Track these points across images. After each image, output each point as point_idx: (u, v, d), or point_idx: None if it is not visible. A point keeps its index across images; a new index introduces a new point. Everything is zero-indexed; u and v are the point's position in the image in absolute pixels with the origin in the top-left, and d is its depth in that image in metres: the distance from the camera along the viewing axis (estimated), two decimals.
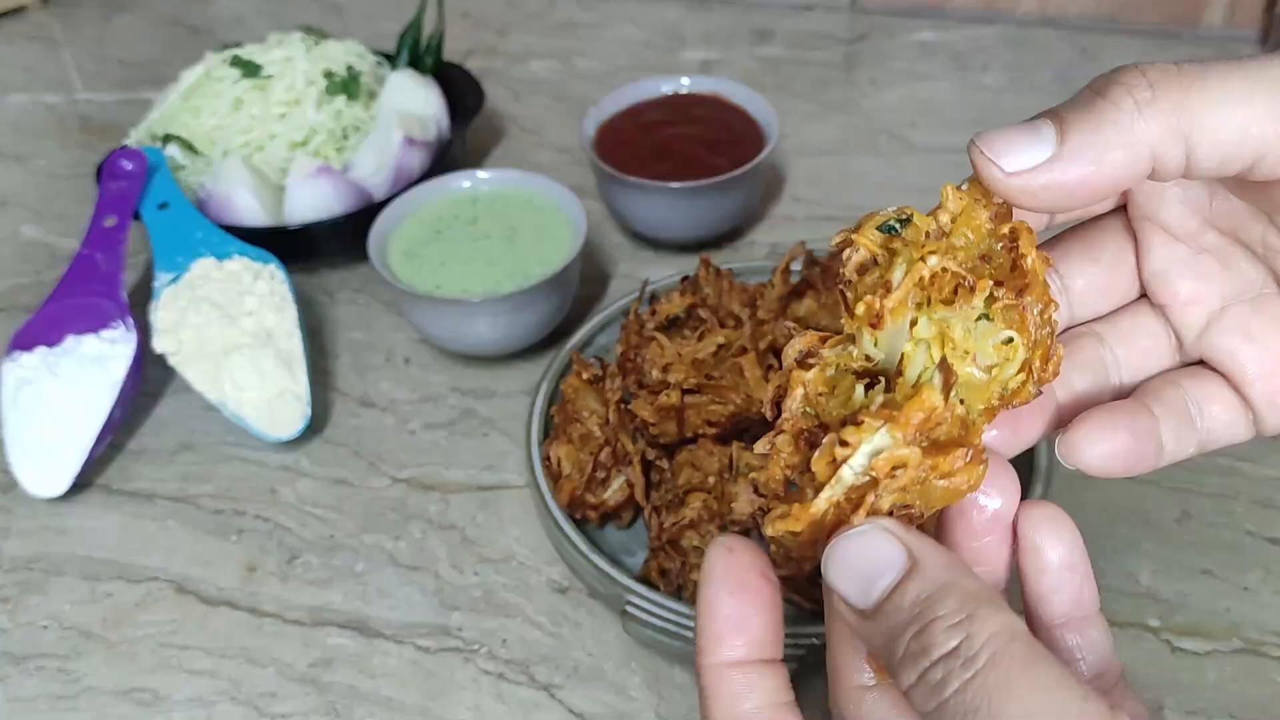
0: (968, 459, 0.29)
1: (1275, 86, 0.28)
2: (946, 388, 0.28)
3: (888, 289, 0.30)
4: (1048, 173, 0.29)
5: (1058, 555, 0.31)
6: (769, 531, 0.31)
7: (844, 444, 0.28)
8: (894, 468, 0.28)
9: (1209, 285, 0.35)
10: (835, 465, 0.29)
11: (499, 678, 0.58)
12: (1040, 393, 0.31)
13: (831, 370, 0.32)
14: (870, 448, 0.28)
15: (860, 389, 0.31)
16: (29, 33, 1.25)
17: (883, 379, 0.30)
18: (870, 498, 0.29)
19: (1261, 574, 0.60)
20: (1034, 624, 0.32)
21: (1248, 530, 0.63)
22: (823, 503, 0.29)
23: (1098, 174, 0.29)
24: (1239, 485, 0.65)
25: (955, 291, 0.30)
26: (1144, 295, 0.36)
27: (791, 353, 0.32)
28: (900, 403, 0.29)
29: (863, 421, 0.28)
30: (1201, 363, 0.35)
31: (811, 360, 0.32)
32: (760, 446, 0.32)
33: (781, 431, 0.31)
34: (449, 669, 0.59)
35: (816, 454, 0.29)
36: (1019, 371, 0.30)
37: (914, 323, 0.30)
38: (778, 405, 0.32)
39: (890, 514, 0.29)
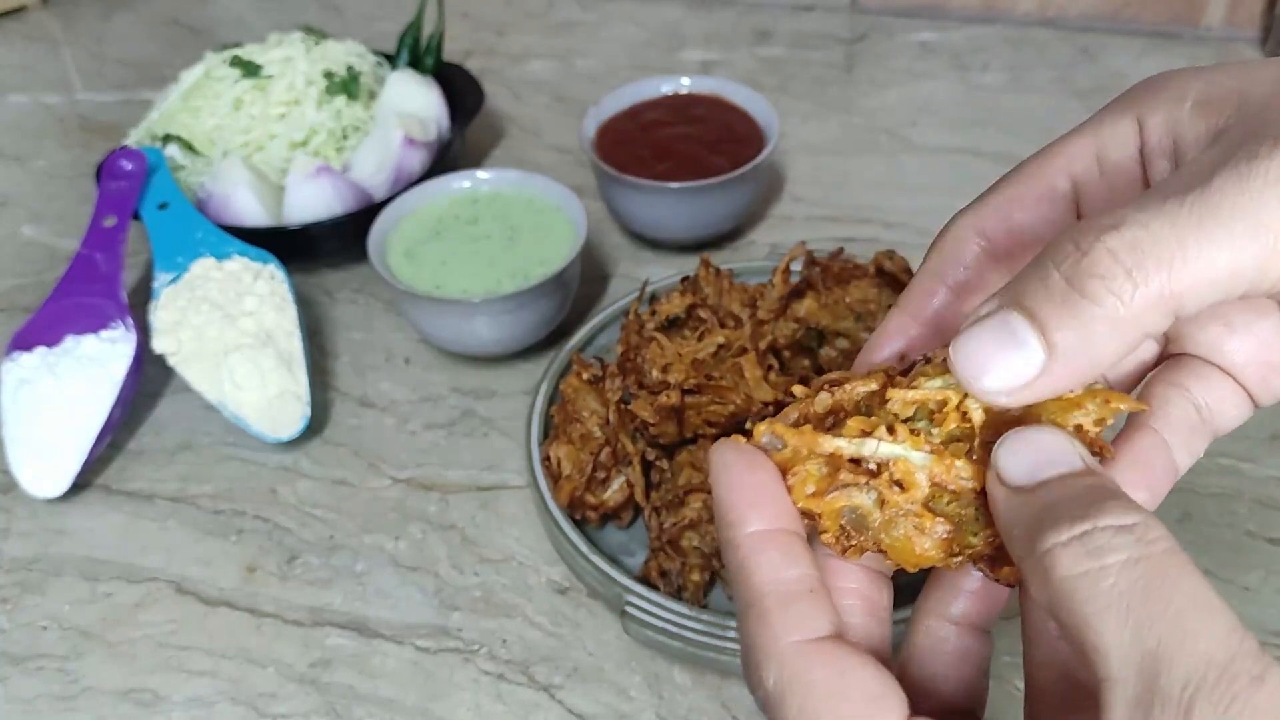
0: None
1: (1245, 222, 0.26)
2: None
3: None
4: (1041, 384, 0.27)
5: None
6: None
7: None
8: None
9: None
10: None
11: (499, 678, 0.58)
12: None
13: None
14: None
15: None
16: (29, 33, 1.25)
17: None
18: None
19: (1262, 574, 0.60)
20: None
21: (1248, 530, 0.63)
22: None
23: (1092, 369, 0.27)
24: (1239, 485, 0.65)
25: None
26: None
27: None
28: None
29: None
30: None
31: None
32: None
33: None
34: (449, 669, 0.59)
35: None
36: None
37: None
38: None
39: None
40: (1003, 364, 0.27)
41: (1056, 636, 0.30)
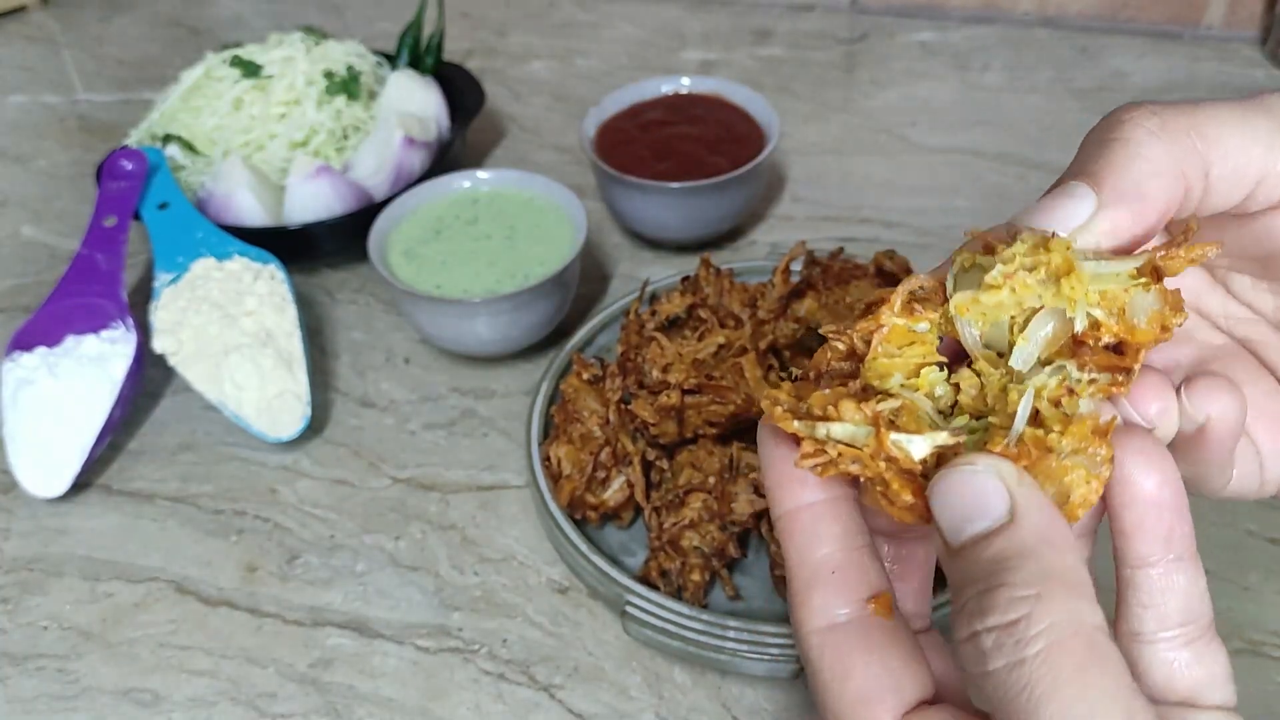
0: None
1: (1266, 114, 0.30)
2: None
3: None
4: (1096, 225, 0.29)
5: (1149, 489, 0.29)
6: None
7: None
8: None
9: (1177, 350, 0.35)
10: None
11: (499, 678, 0.58)
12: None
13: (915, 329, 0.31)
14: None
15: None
16: (29, 33, 1.25)
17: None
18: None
19: (1262, 574, 0.60)
20: (1120, 561, 0.30)
21: (1248, 530, 0.63)
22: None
23: (1146, 208, 0.29)
24: None
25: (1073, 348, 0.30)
26: None
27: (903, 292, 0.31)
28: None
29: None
30: None
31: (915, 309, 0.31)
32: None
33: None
34: (449, 669, 0.59)
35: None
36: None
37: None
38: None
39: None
40: (1061, 213, 0.30)
41: None
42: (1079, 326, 0.29)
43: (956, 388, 0.31)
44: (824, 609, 0.29)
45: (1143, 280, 0.29)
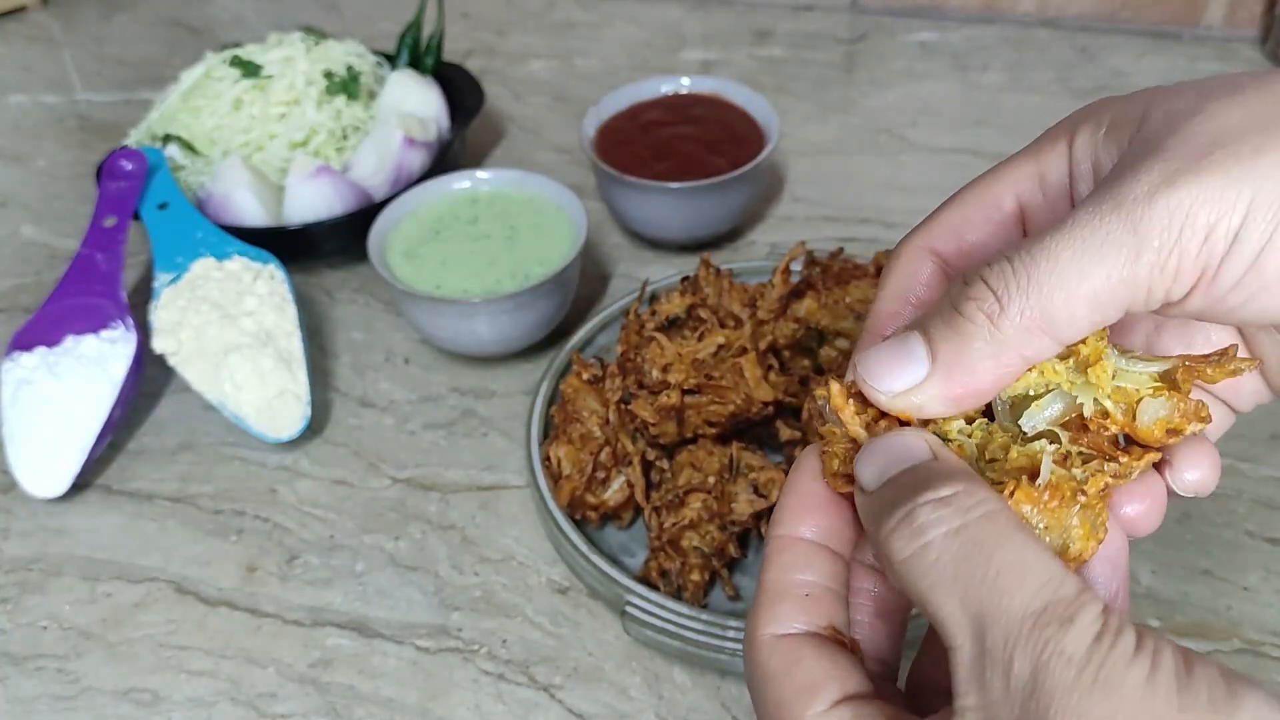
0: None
1: (1106, 256, 0.27)
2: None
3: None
4: (925, 391, 0.30)
5: (1107, 547, 0.31)
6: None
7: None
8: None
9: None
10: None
11: (499, 678, 0.58)
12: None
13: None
14: None
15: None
16: (29, 33, 1.25)
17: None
18: None
19: (1261, 574, 0.60)
20: None
21: (1248, 530, 0.63)
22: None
23: (975, 383, 0.30)
24: (1239, 485, 0.65)
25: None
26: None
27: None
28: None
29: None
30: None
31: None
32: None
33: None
34: (449, 669, 0.59)
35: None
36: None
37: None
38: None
39: None
40: (895, 370, 0.30)
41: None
42: (1087, 411, 0.30)
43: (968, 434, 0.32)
44: (784, 620, 0.31)
45: (1159, 385, 0.30)
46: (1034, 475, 0.30)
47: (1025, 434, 0.31)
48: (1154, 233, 0.27)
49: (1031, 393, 0.31)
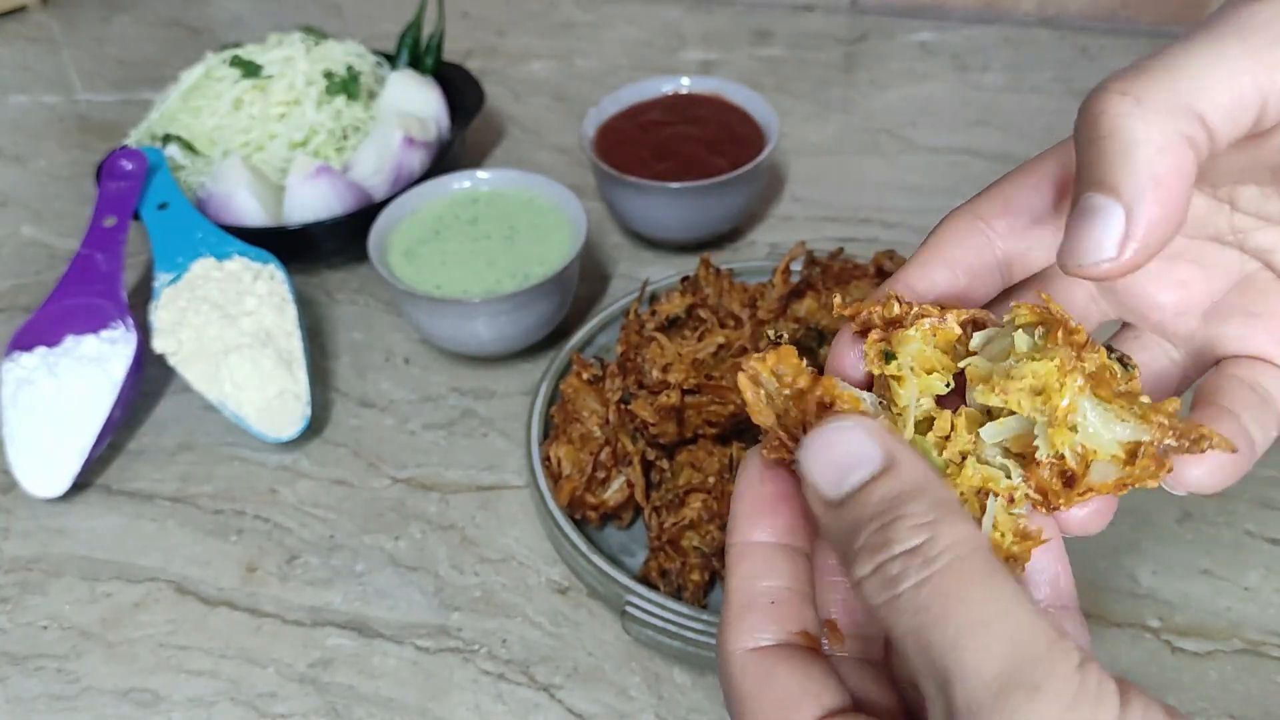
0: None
1: (1239, 37, 0.28)
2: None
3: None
4: (1135, 236, 0.28)
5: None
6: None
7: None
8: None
9: (1191, 290, 0.35)
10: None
11: (499, 678, 0.58)
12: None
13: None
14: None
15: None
16: (29, 33, 1.25)
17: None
18: None
19: (1262, 574, 0.60)
20: None
21: (1248, 530, 0.63)
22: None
23: (1167, 192, 0.28)
24: (1239, 485, 0.65)
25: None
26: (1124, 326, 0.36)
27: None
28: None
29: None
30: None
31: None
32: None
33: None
34: (449, 669, 0.59)
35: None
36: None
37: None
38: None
39: None
40: (1096, 238, 0.28)
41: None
42: (1041, 455, 0.30)
43: (931, 421, 0.32)
44: (753, 632, 0.30)
45: (1123, 456, 0.30)
46: (984, 498, 0.31)
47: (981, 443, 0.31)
48: (1265, 23, 0.28)
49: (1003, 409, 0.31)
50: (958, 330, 0.32)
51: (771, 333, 0.34)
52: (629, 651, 0.59)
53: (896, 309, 0.32)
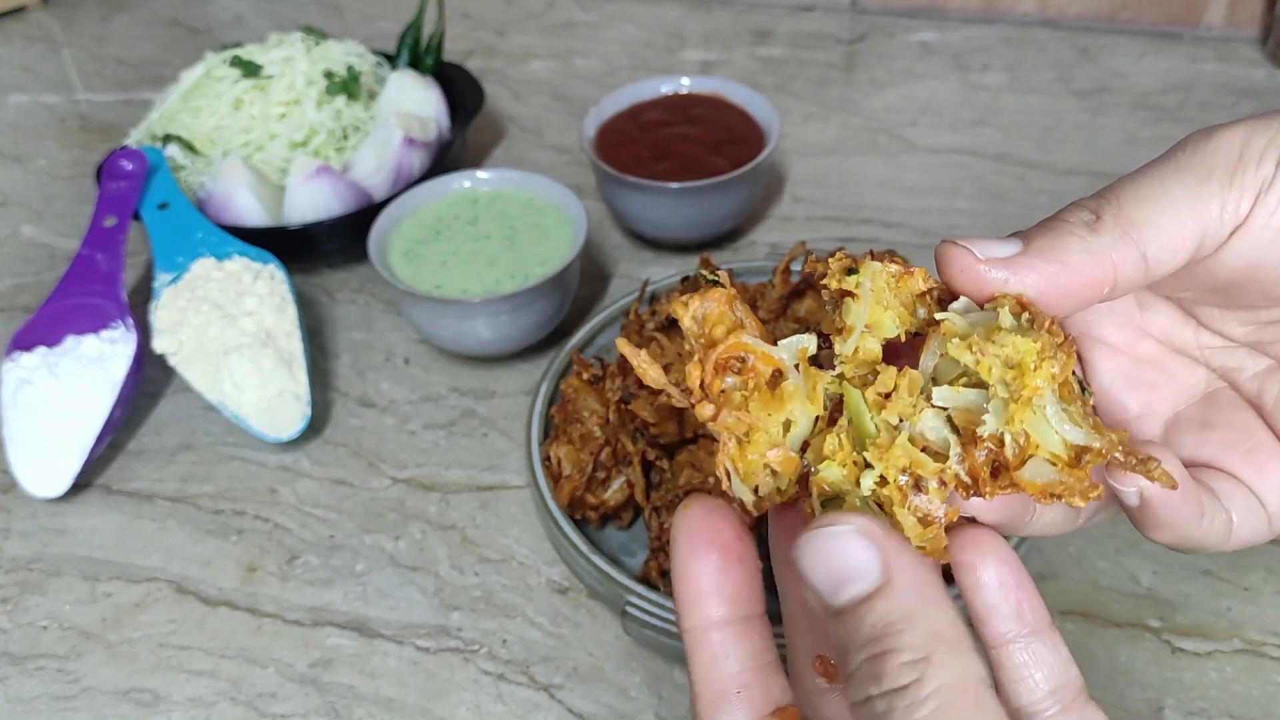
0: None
1: (1183, 174, 0.31)
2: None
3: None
4: (1017, 265, 0.30)
5: (990, 575, 0.31)
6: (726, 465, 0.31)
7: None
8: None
9: (1157, 394, 0.36)
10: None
11: (499, 678, 0.58)
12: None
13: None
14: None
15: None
16: (29, 33, 1.25)
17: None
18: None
19: (1262, 574, 0.60)
20: (985, 645, 0.31)
21: None
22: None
23: (1064, 273, 0.30)
24: None
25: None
26: None
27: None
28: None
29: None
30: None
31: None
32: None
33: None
34: (449, 669, 0.59)
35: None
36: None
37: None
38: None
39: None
40: (991, 244, 0.31)
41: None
42: (984, 431, 0.30)
43: (874, 374, 0.31)
44: None
45: (1064, 459, 0.29)
46: (915, 481, 0.30)
47: (929, 403, 0.30)
48: (1219, 156, 0.31)
49: (964, 373, 0.30)
50: (922, 285, 0.31)
51: (707, 272, 0.32)
52: (629, 651, 0.59)
53: (867, 255, 0.32)
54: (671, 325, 0.67)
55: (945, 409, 0.30)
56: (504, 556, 0.65)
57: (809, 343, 0.32)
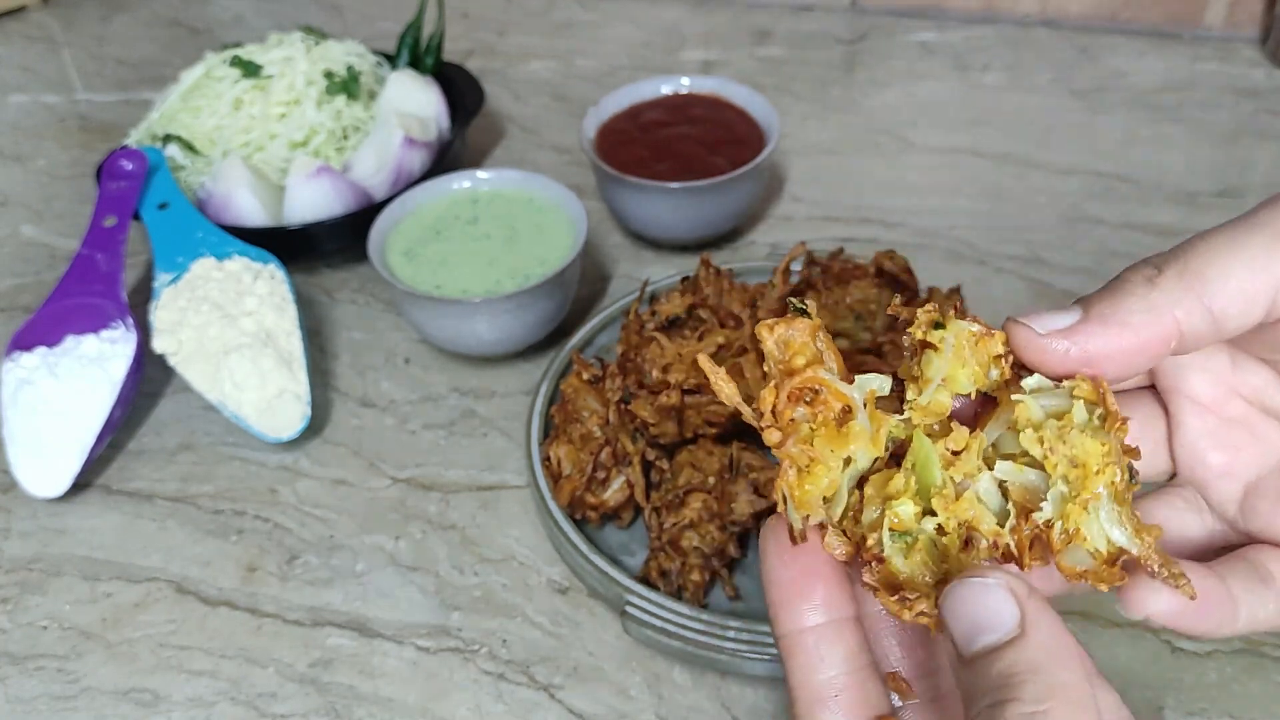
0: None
1: (1259, 232, 0.31)
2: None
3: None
4: (1077, 334, 0.31)
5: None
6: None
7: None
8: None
9: (1240, 455, 0.35)
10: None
11: (499, 678, 0.58)
12: None
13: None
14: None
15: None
16: (29, 33, 1.25)
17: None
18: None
19: None
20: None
21: None
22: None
23: (1125, 334, 0.30)
24: None
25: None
26: (1173, 476, 0.37)
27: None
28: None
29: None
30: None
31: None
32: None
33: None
34: (449, 669, 0.59)
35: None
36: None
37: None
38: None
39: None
40: (1049, 318, 0.31)
41: None
42: (1039, 518, 0.31)
43: (947, 432, 0.32)
44: None
45: (1103, 555, 0.31)
46: (966, 542, 0.31)
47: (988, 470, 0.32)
48: None
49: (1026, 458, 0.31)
50: (999, 349, 0.32)
51: (797, 300, 0.33)
52: (629, 651, 0.59)
53: (953, 310, 0.32)
54: (671, 325, 0.67)
55: (1004, 480, 0.32)
56: (504, 556, 0.65)
57: (881, 385, 0.33)
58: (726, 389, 0.32)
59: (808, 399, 0.31)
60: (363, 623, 0.62)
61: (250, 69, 0.88)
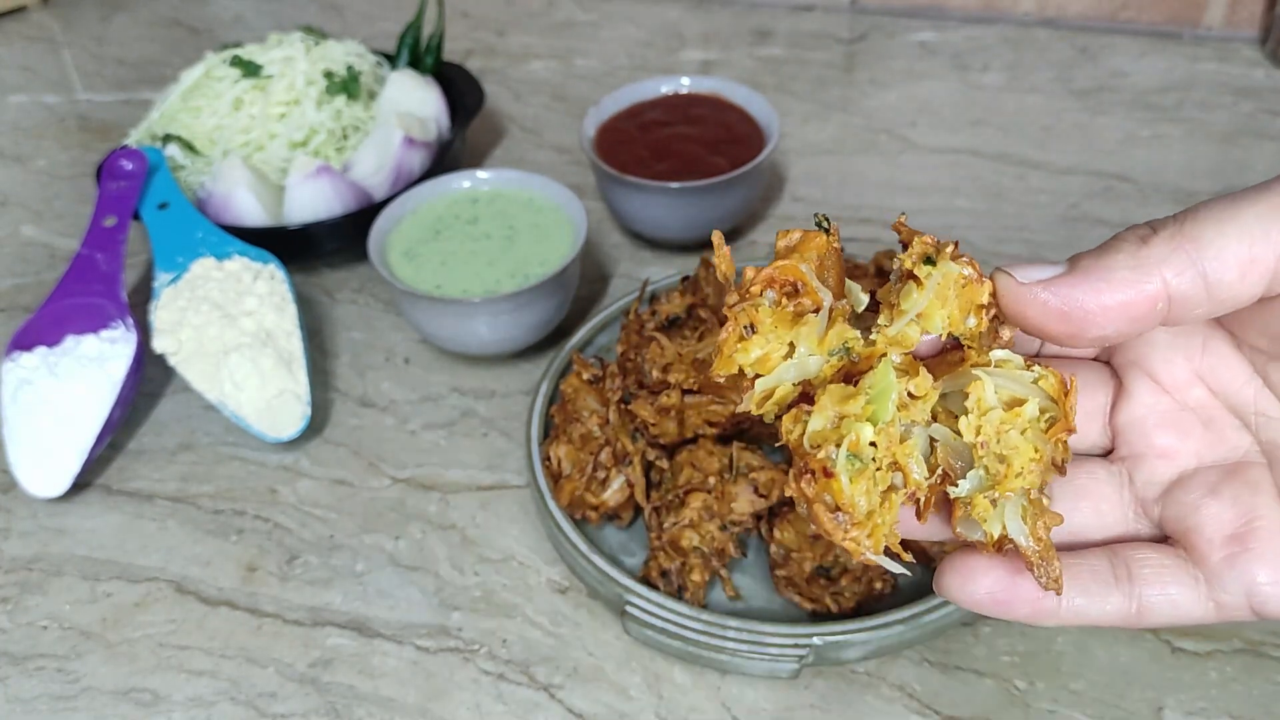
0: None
1: (1256, 203, 0.29)
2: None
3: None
4: (1060, 285, 0.30)
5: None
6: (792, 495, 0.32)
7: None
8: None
9: (1187, 443, 0.34)
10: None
11: (499, 678, 0.58)
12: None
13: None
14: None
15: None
16: (29, 33, 1.25)
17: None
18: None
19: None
20: None
21: None
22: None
23: (1108, 289, 0.29)
24: None
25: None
26: (1106, 453, 0.36)
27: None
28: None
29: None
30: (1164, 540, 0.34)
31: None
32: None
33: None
34: (449, 669, 0.59)
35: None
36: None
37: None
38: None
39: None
40: (1034, 268, 0.30)
41: None
42: (958, 491, 0.32)
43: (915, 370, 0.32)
44: None
45: (994, 539, 0.31)
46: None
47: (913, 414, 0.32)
48: None
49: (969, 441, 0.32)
50: (984, 299, 0.31)
51: (822, 216, 0.33)
52: (629, 651, 0.59)
53: (949, 249, 0.32)
54: (671, 325, 0.67)
55: (935, 440, 0.32)
56: (504, 556, 0.65)
57: (859, 299, 0.33)
58: (723, 265, 0.32)
59: (787, 291, 0.31)
60: (362, 623, 0.62)
61: (250, 69, 0.88)
